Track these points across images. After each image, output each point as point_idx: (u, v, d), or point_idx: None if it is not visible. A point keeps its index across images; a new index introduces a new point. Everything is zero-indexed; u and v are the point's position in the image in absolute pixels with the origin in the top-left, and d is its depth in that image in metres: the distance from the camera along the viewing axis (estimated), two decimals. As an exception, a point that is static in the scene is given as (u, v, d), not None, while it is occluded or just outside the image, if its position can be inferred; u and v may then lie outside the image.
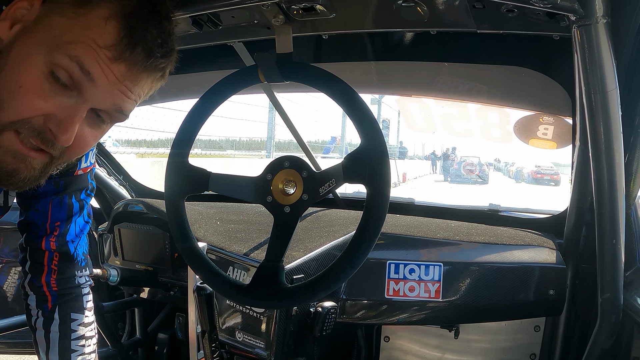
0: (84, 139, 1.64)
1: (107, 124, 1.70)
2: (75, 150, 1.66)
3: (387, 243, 2.83)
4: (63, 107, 1.53)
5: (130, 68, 1.55)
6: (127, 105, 1.64)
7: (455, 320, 2.95)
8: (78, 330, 2.23)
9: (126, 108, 1.65)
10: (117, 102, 1.61)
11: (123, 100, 1.61)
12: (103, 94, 1.56)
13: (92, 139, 1.68)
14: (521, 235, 2.89)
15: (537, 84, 2.76)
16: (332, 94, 1.93)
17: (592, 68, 1.75)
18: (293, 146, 29.82)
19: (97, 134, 1.70)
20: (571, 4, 1.65)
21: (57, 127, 1.53)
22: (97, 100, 1.57)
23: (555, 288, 2.64)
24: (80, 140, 1.63)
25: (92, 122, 1.64)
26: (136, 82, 1.60)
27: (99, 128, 1.68)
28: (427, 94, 3.43)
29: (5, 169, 1.59)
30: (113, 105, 1.61)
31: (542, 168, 53.90)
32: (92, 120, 1.63)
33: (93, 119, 1.64)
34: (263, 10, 2.08)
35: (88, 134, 1.65)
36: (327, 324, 2.57)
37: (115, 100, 1.60)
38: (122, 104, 1.62)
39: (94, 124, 1.65)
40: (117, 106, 1.62)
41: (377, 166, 1.82)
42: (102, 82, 1.53)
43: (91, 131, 1.66)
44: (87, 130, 1.64)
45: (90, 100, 1.56)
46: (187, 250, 2.17)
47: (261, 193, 2.02)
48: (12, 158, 1.57)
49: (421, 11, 2.09)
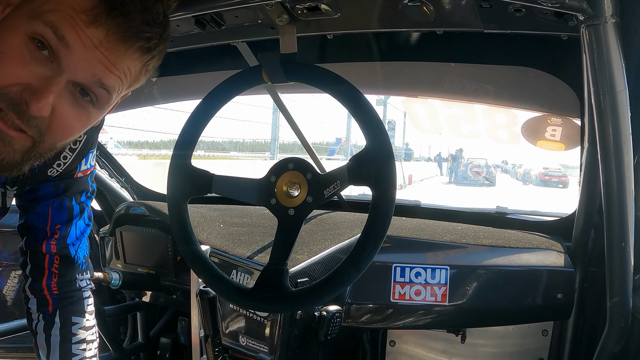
0: (65, 118, 1.61)
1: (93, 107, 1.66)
2: (58, 132, 1.63)
3: (392, 246, 2.82)
4: (40, 76, 1.52)
5: (108, 34, 1.52)
6: (108, 78, 1.60)
7: (462, 324, 2.94)
8: (79, 334, 2.23)
9: (107, 81, 1.60)
10: (96, 72, 1.57)
11: (103, 72, 1.58)
12: (80, 62, 1.53)
13: (76, 121, 1.66)
14: (529, 238, 2.88)
15: (545, 84, 2.75)
16: (337, 95, 1.93)
17: (601, 68, 1.75)
18: (297, 148, 29.81)
19: (82, 116, 1.66)
20: (580, 4, 1.65)
21: (32, 96, 1.51)
22: (75, 69, 1.54)
23: (563, 292, 2.64)
24: (62, 120, 1.60)
25: (75, 101, 1.61)
26: (117, 54, 1.57)
27: (84, 109, 1.65)
28: (433, 95, 3.43)
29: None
30: (92, 76, 1.57)
31: (550, 170, 53.85)
32: (75, 98, 1.61)
33: (76, 97, 1.61)
34: (267, 10, 2.07)
35: (70, 114, 1.62)
36: (332, 328, 2.56)
37: (94, 69, 1.56)
38: (102, 75, 1.58)
39: (78, 104, 1.62)
40: (96, 77, 1.58)
41: (383, 168, 1.82)
42: (77, 47, 1.51)
43: (74, 111, 1.62)
44: (70, 109, 1.61)
45: (68, 70, 1.54)
46: (189, 254, 2.17)
47: (265, 195, 2.03)
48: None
49: (427, 11, 2.09)
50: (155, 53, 1.68)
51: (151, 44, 1.64)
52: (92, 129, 2.08)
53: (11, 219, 2.35)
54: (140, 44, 1.60)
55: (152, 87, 3.76)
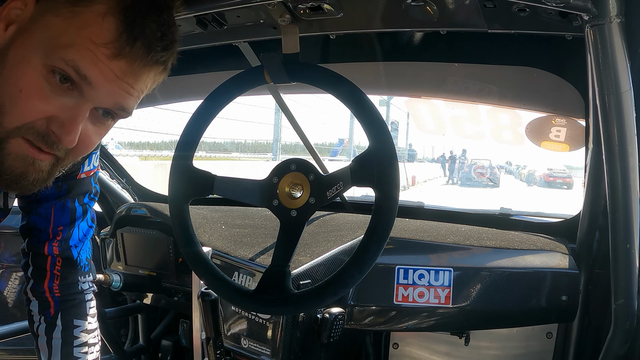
0: (87, 137, 1.63)
1: (111, 121, 1.69)
2: (80, 150, 1.66)
3: (396, 248, 2.82)
4: (65, 107, 1.52)
5: (131, 64, 1.54)
6: (129, 103, 1.63)
7: (466, 326, 2.94)
8: (81, 337, 2.23)
9: (128, 105, 1.64)
10: (118, 101, 1.60)
11: (125, 98, 1.61)
12: (104, 94, 1.55)
13: (96, 137, 1.68)
14: (533, 240, 2.88)
15: (549, 85, 2.75)
16: (340, 96, 1.94)
17: (606, 69, 1.75)
18: (300, 149, 29.79)
19: (101, 131, 1.69)
20: (584, 3, 1.64)
21: (60, 129, 1.53)
22: (99, 100, 1.56)
23: (567, 294, 2.64)
24: (85, 139, 1.62)
25: (95, 120, 1.63)
26: (137, 78, 1.59)
27: (103, 125, 1.67)
28: (436, 95, 3.44)
29: (14, 173, 1.59)
30: (115, 104, 1.60)
31: (555, 171, 53.83)
32: (96, 118, 1.63)
33: (96, 117, 1.63)
34: (269, 10, 2.08)
35: (92, 132, 1.64)
36: (334, 330, 2.56)
37: (117, 99, 1.59)
38: (124, 101, 1.61)
39: (97, 122, 1.65)
40: (119, 104, 1.61)
41: (386, 169, 1.82)
42: (100, 82, 1.52)
43: (95, 129, 1.65)
44: (91, 128, 1.63)
45: (92, 100, 1.55)
46: (191, 255, 2.17)
47: (267, 196, 2.03)
48: (22, 162, 1.57)
49: (431, 10, 2.08)
50: (169, 67, 1.72)
51: (168, 64, 1.69)
52: None
53: (13, 220, 2.35)
54: (159, 67, 1.64)
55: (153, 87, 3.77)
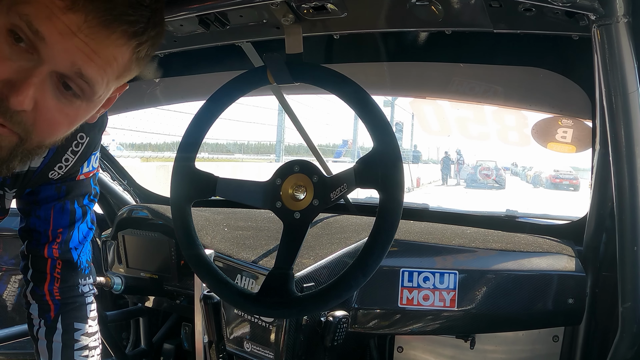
0: (50, 112, 1.55)
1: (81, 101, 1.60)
2: (43, 127, 1.57)
3: (400, 250, 2.82)
4: (20, 70, 1.47)
5: (87, 19, 1.45)
6: (88, 68, 1.52)
7: (471, 330, 2.94)
8: (81, 340, 2.22)
9: (87, 71, 1.52)
10: (75, 61, 1.49)
11: (83, 60, 1.50)
12: (59, 51, 1.47)
13: (61, 116, 1.59)
14: (539, 242, 2.88)
15: (556, 85, 2.75)
16: (344, 96, 1.94)
17: (613, 69, 1.75)
18: (303, 150, 29.81)
19: (69, 110, 1.59)
20: (591, 3, 1.65)
21: (10, 88, 1.45)
22: (55, 60, 1.48)
23: (574, 297, 2.63)
24: (47, 114, 1.55)
25: (59, 94, 1.55)
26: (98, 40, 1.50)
27: (70, 103, 1.58)
28: (441, 96, 3.43)
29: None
30: (72, 65, 1.50)
31: (561, 172, 53.73)
32: (59, 91, 1.55)
33: (60, 90, 1.55)
34: (272, 9, 2.08)
35: (55, 108, 1.56)
36: (338, 333, 2.56)
37: (73, 58, 1.48)
38: (82, 64, 1.51)
39: (63, 97, 1.56)
40: (76, 66, 1.50)
41: (390, 171, 1.83)
42: (54, 38, 1.45)
43: (59, 105, 1.56)
44: (54, 102, 1.55)
45: (48, 61, 1.48)
46: (193, 258, 2.18)
47: (270, 198, 2.03)
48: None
49: (436, 10, 2.09)
50: (145, 38, 1.61)
51: (137, 28, 1.56)
52: (95, 130, 2.08)
53: (12, 222, 2.35)
54: (124, 27, 1.53)
55: (155, 88, 3.77)
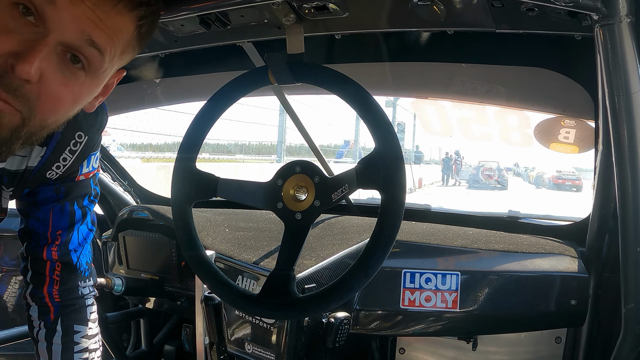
0: (55, 87, 1.54)
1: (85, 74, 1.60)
2: (47, 104, 1.56)
3: (402, 251, 2.82)
4: (26, 41, 1.46)
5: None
6: (98, 35, 1.54)
7: (473, 331, 2.93)
8: (81, 342, 2.22)
9: (98, 38, 1.54)
10: (85, 28, 1.50)
11: (92, 27, 1.51)
12: (67, 18, 1.47)
13: (66, 91, 1.59)
14: (542, 243, 2.88)
15: (558, 85, 2.75)
16: (345, 96, 1.94)
17: (616, 69, 1.75)
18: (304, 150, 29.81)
19: (74, 86, 1.60)
20: (594, 3, 1.65)
21: (17, 57, 1.44)
22: (62, 27, 1.48)
23: (577, 298, 2.63)
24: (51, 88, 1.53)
25: (65, 68, 1.55)
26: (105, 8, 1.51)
27: (75, 77, 1.58)
28: (443, 96, 3.43)
29: None
30: (81, 32, 1.51)
31: (564, 173, 53.68)
32: (66, 64, 1.55)
33: (66, 63, 1.55)
34: (273, 9, 2.07)
35: (60, 82, 1.55)
36: (340, 335, 2.56)
37: (82, 25, 1.50)
38: (92, 31, 1.52)
39: (68, 71, 1.56)
40: (86, 34, 1.51)
41: (392, 171, 1.83)
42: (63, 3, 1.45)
43: (64, 79, 1.55)
44: (59, 76, 1.54)
45: (55, 29, 1.47)
46: (194, 259, 2.18)
47: (271, 199, 2.03)
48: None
49: (438, 10, 2.09)
50: (148, 12, 1.63)
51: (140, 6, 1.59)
52: (94, 129, 2.06)
53: (12, 223, 2.35)
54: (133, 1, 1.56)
55: (155, 88, 3.77)
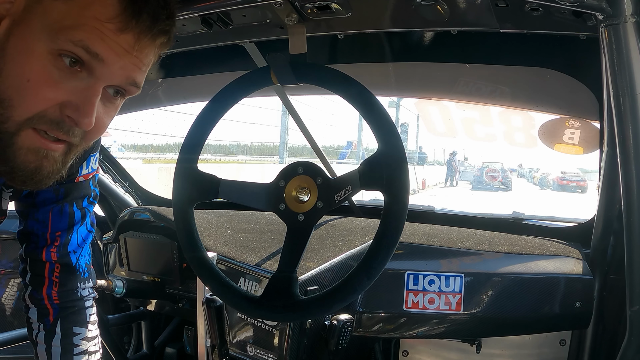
0: (100, 120, 1.63)
1: (120, 100, 1.69)
2: (93, 134, 1.66)
3: (405, 253, 2.81)
4: (77, 90, 1.52)
5: (138, 37, 1.54)
6: (139, 76, 1.64)
7: (477, 333, 2.93)
8: (81, 344, 2.22)
9: (139, 79, 1.64)
10: (130, 75, 1.60)
11: (135, 72, 1.61)
12: (116, 69, 1.55)
13: (107, 119, 1.69)
14: (546, 245, 2.87)
15: (563, 86, 2.75)
16: (348, 97, 1.94)
17: (621, 69, 1.74)
18: (307, 151, 29.76)
19: (111, 112, 1.69)
20: (599, 3, 1.65)
21: (77, 113, 1.53)
22: (111, 77, 1.56)
23: (581, 300, 2.63)
24: (97, 122, 1.61)
25: (105, 101, 1.63)
26: (145, 53, 1.60)
27: (112, 105, 1.67)
28: (447, 97, 3.43)
29: (28, 167, 1.58)
30: (127, 79, 1.60)
31: (568, 174, 53.65)
32: (106, 98, 1.63)
33: (107, 97, 1.63)
34: (276, 9, 2.08)
35: (103, 114, 1.65)
36: (343, 337, 2.56)
37: (128, 73, 1.59)
38: (135, 75, 1.62)
39: (108, 102, 1.65)
40: (130, 79, 1.61)
41: (395, 172, 1.82)
42: (111, 58, 1.52)
43: (105, 110, 1.65)
44: (103, 109, 1.63)
45: (103, 78, 1.55)
46: (196, 261, 2.18)
47: (274, 200, 2.03)
48: (35, 156, 1.57)
49: (441, 10, 2.09)
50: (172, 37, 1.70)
51: (170, 35, 1.67)
52: None
53: (10, 225, 2.34)
54: (164, 38, 1.63)
55: (157, 88, 3.77)
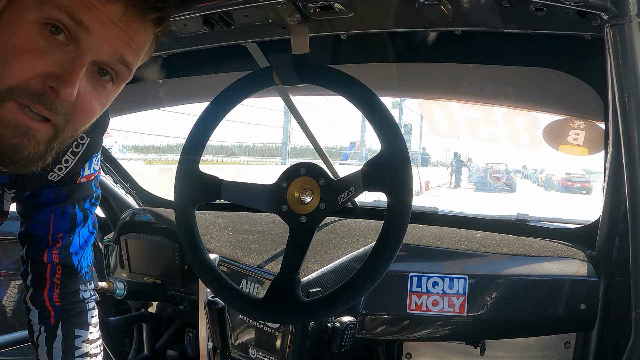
0: (87, 101, 1.62)
1: (112, 85, 1.67)
2: (81, 117, 1.63)
3: (408, 254, 2.81)
4: (61, 62, 1.52)
5: (127, 9, 1.53)
6: (128, 53, 1.62)
7: (481, 336, 2.93)
8: (82, 347, 2.22)
9: (129, 57, 1.63)
10: (117, 49, 1.58)
11: (124, 47, 1.59)
12: (101, 41, 1.54)
13: (96, 103, 1.66)
14: (550, 247, 2.87)
15: (568, 86, 2.74)
16: (351, 97, 1.94)
17: (626, 70, 1.74)
18: (310, 152, 29.80)
19: (102, 97, 1.67)
20: (604, 3, 1.65)
21: (58, 82, 1.51)
22: (97, 49, 1.55)
23: (586, 302, 2.62)
24: (84, 103, 1.60)
25: (94, 82, 1.62)
26: (134, 27, 1.58)
27: (104, 89, 1.66)
28: (451, 97, 3.43)
29: (7, 144, 1.56)
30: (114, 53, 1.59)
31: (573, 175, 53.67)
32: (95, 78, 1.62)
33: (95, 77, 1.62)
34: (278, 9, 2.08)
35: (91, 96, 1.63)
36: (345, 340, 2.56)
37: (115, 46, 1.57)
38: (124, 51, 1.60)
39: (98, 84, 1.63)
40: (118, 54, 1.59)
41: (399, 173, 1.83)
42: (97, 28, 1.51)
43: (94, 92, 1.63)
44: (91, 91, 1.62)
45: (89, 51, 1.54)
46: (197, 262, 2.18)
47: (276, 202, 2.03)
48: (14, 131, 1.55)
49: (445, 10, 2.08)
50: (166, 24, 1.70)
51: (165, 13, 1.66)
52: (96, 131, 2.09)
53: (11, 226, 2.35)
54: (156, 15, 1.62)
55: (158, 89, 3.77)
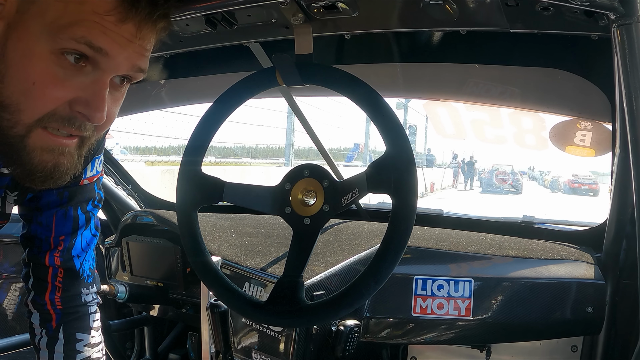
0: (110, 110, 1.64)
1: (126, 85, 1.70)
2: (105, 125, 1.66)
3: (413, 257, 2.81)
4: (84, 86, 1.53)
5: (139, 25, 1.54)
6: (144, 62, 1.64)
7: (487, 339, 2.91)
8: (84, 351, 2.22)
9: (144, 65, 1.64)
10: (135, 63, 1.60)
11: (139, 59, 1.61)
12: (121, 60, 1.56)
13: (115, 107, 1.69)
14: (557, 249, 2.87)
15: (574, 87, 2.74)
16: (355, 98, 1.94)
17: (633, 70, 1.74)
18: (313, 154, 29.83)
19: (118, 100, 1.70)
20: (611, 2, 1.65)
21: (87, 108, 1.55)
22: (116, 68, 1.57)
23: (593, 305, 2.62)
24: (108, 113, 1.63)
25: (112, 90, 1.64)
26: (147, 39, 1.60)
27: (119, 93, 1.68)
28: (456, 98, 3.43)
29: (47, 167, 1.60)
30: (132, 67, 1.61)
31: (580, 177, 53.69)
32: (113, 87, 1.64)
33: (113, 86, 1.64)
34: (281, 9, 2.08)
35: (112, 104, 1.66)
36: (349, 343, 2.55)
37: (133, 62, 1.59)
38: (140, 62, 1.62)
39: (114, 90, 1.65)
40: (136, 67, 1.62)
41: (403, 175, 1.82)
42: (115, 51, 1.52)
43: (114, 99, 1.66)
44: (111, 99, 1.63)
45: (109, 70, 1.56)
46: (200, 265, 2.17)
47: (279, 204, 2.03)
48: (51, 154, 1.59)
49: (450, 9, 2.08)
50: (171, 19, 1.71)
51: (170, 17, 1.67)
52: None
53: (13, 229, 2.35)
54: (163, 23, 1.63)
55: (160, 89, 3.77)
